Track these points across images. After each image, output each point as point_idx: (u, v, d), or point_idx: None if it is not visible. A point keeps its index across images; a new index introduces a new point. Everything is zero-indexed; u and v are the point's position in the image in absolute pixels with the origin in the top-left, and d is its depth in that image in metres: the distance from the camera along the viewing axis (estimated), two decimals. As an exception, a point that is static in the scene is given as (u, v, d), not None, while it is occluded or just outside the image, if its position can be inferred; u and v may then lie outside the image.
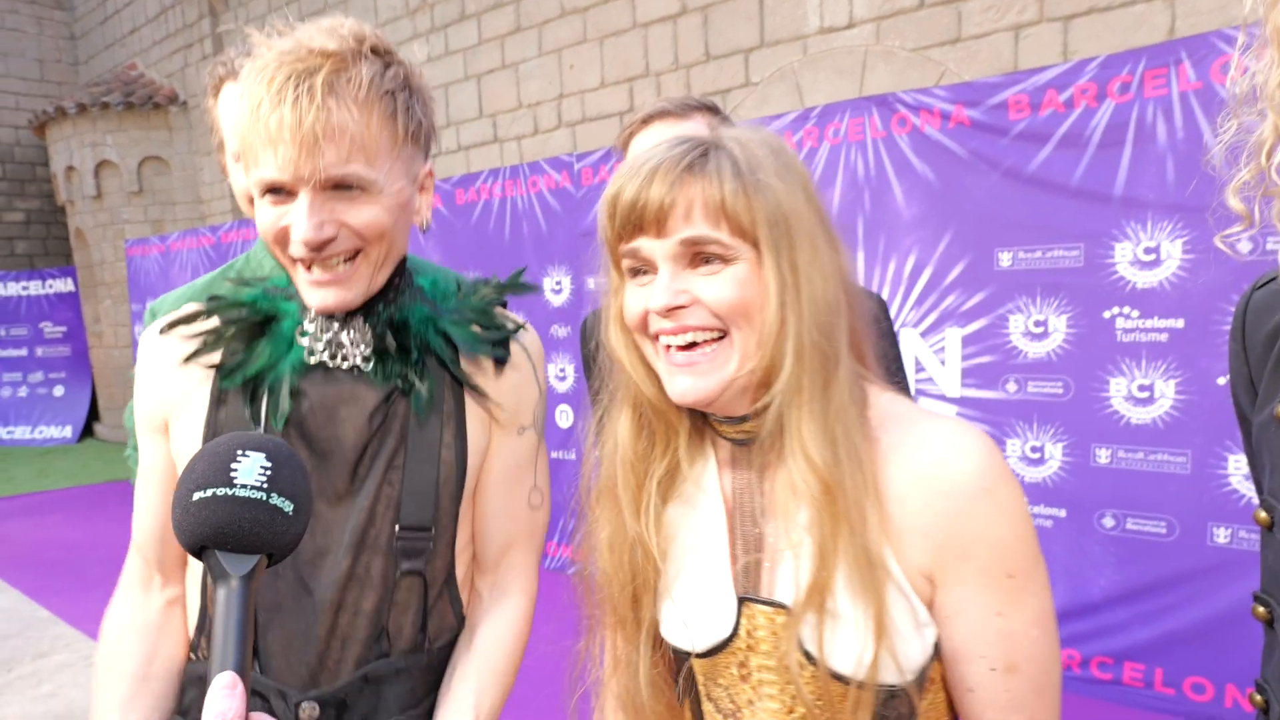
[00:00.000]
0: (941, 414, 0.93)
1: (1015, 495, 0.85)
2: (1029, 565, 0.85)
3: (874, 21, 4.97)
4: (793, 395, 0.86)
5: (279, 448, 0.73)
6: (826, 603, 0.85)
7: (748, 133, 0.91)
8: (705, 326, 0.87)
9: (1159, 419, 3.15)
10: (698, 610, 0.95)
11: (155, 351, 1.16)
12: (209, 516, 0.67)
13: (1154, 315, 3.12)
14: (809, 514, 0.86)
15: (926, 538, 0.84)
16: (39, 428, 11.71)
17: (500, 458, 1.18)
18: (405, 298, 1.13)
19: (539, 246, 5.07)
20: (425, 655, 1.14)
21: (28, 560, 6.27)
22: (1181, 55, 2.99)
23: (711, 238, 0.85)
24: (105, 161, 10.49)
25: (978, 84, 3.51)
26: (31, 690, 4.13)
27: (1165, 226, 3.06)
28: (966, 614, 0.85)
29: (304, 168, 0.95)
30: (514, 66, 6.83)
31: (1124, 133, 3.11)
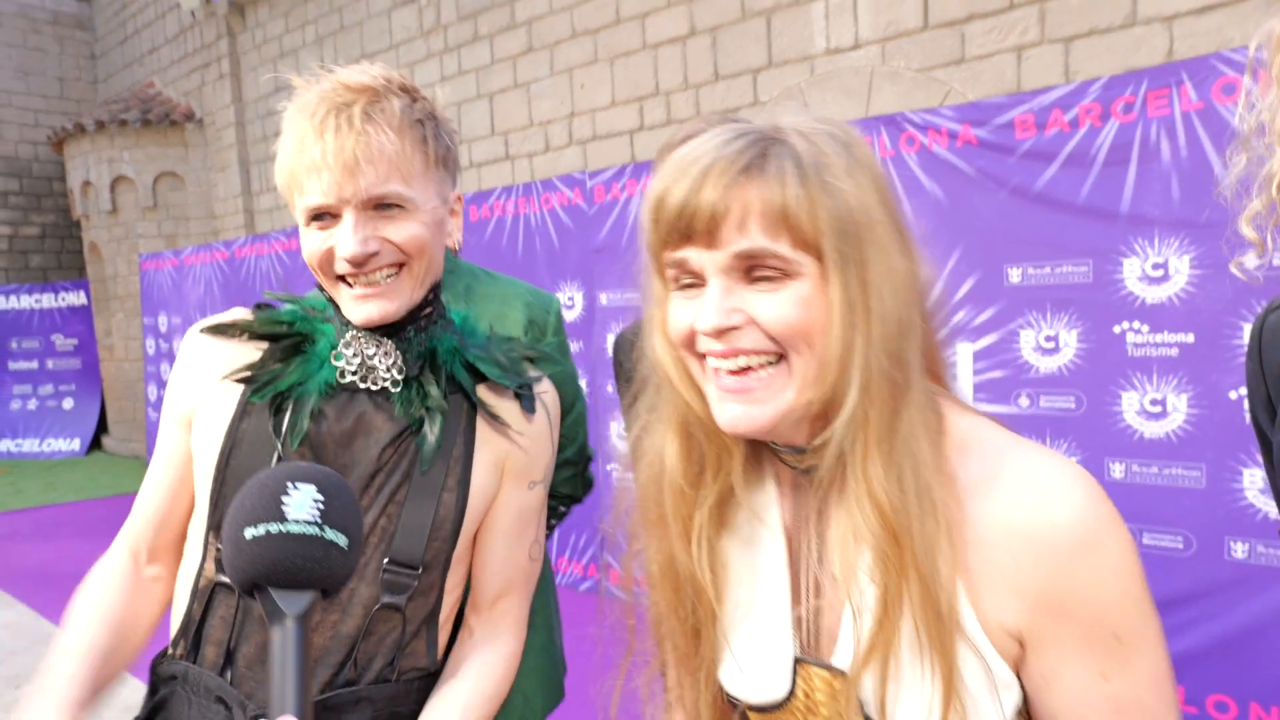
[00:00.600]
0: (1034, 444, 0.79)
1: (1124, 546, 0.73)
2: (1139, 624, 0.73)
3: (879, 43, 5.04)
4: (856, 430, 0.76)
5: (330, 479, 0.72)
6: (890, 662, 0.75)
7: (812, 123, 0.79)
8: (760, 350, 0.77)
9: (1172, 433, 3.16)
10: (754, 662, 0.87)
11: (196, 351, 1.21)
12: (262, 554, 0.67)
13: (1164, 330, 3.14)
14: (872, 560, 0.76)
15: (1017, 594, 0.74)
16: (47, 440, 11.73)
17: (509, 509, 1.21)
18: (437, 327, 1.18)
19: (551, 262, 5.13)
20: (390, 686, 1.14)
21: (35, 575, 6.23)
22: (1183, 76, 3.04)
23: (770, 250, 0.74)
24: (121, 177, 10.62)
25: (984, 104, 3.56)
26: None
27: (1172, 242, 3.09)
28: (1066, 679, 0.74)
29: (346, 189, 1.03)
30: (526, 86, 6.93)
31: (1129, 151, 3.15)
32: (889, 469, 0.75)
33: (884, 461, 0.75)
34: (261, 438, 1.12)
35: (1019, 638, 0.75)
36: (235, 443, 1.13)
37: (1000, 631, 0.75)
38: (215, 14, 10.02)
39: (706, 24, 5.79)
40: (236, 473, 1.11)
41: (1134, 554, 0.73)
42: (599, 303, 4.92)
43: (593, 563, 4.99)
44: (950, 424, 0.80)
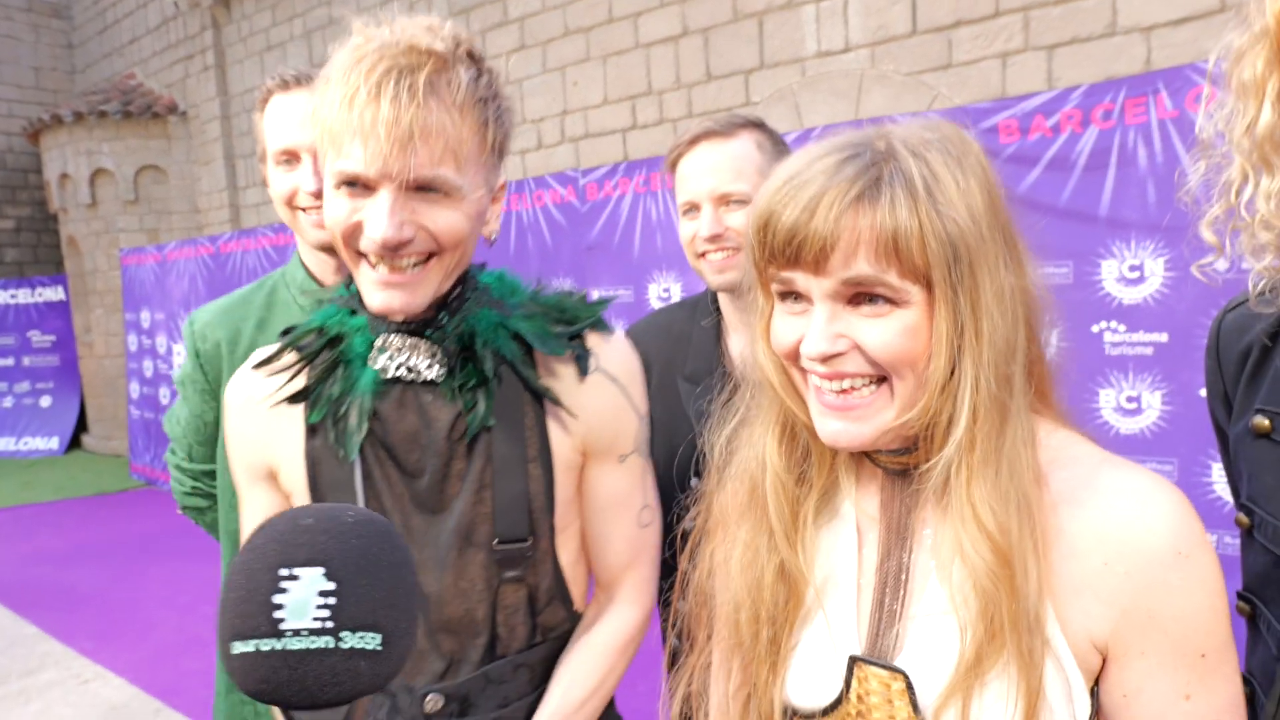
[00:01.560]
0: (1121, 459, 0.79)
1: (1212, 563, 0.73)
2: (1222, 644, 0.74)
3: (869, 46, 5.15)
4: (964, 453, 0.76)
5: (346, 544, 0.55)
6: (973, 687, 0.75)
7: (924, 133, 0.78)
8: (863, 373, 0.78)
9: (1147, 429, 3.26)
10: (811, 661, 0.87)
11: (243, 399, 1.15)
12: (261, 677, 0.53)
13: (1140, 329, 3.24)
14: (976, 582, 0.75)
15: (1106, 605, 0.74)
16: (24, 439, 11.56)
17: (603, 487, 1.16)
18: (470, 304, 1.10)
19: (544, 259, 5.18)
20: (540, 647, 1.15)
21: (13, 576, 6.17)
22: (1159, 86, 3.15)
23: (877, 279, 0.74)
24: (101, 170, 10.48)
25: (970, 109, 3.65)
26: (20, 709, 4.10)
27: (1148, 245, 3.19)
28: (1148, 694, 0.74)
29: (393, 164, 0.92)
30: (518, 83, 6.96)
31: (1107, 157, 3.26)
32: (995, 491, 0.75)
33: (990, 484, 0.75)
34: (334, 451, 1.09)
35: (1103, 649, 0.75)
36: (314, 464, 1.10)
37: (1084, 641, 0.75)
38: (200, 5, 9.93)
39: (699, 24, 5.86)
40: (331, 490, 1.09)
41: (1220, 574, 0.73)
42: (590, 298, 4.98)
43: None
44: (1042, 436, 0.80)
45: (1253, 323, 0.98)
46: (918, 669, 0.79)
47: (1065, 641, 0.75)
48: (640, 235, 4.77)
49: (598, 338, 1.15)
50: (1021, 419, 0.77)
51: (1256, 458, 0.94)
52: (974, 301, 0.74)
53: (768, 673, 0.88)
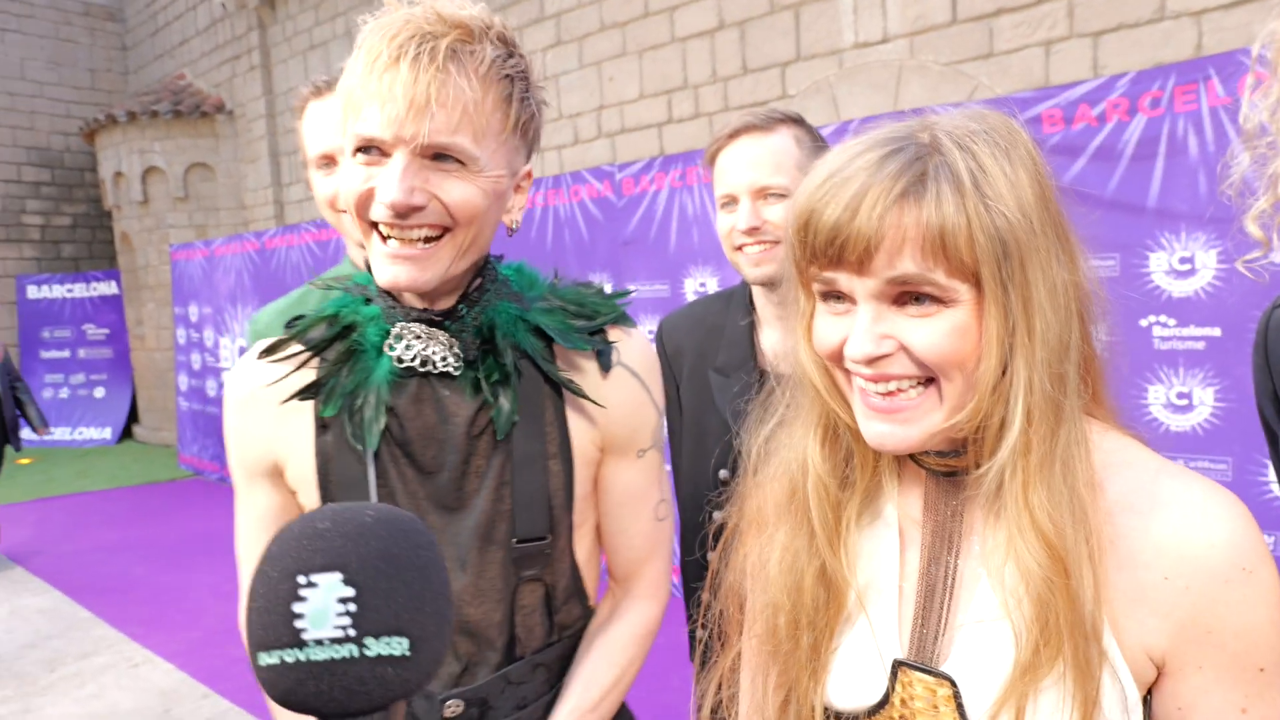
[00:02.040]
0: (1179, 466, 0.77)
1: (1273, 577, 0.71)
2: (1279, 657, 0.72)
3: (908, 37, 5.07)
4: (1019, 457, 0.74)
5: (364, 546, 0.53)
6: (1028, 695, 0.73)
7: (969, 124, 0.75)
8: (909, 375, 0.75)
9: (1198, 426, 3.18)
10: (854, 663, 0.85)
11: (247, 390, 1.10)
12: (289, 688, 0.52)
13: (1190, 324, 3.16)
14: (1030, 587, 0.73)
15: (1165, 617, 0.72)
16: (79, 429, 11.92)
17: (621, 482, 1.15)
18: (490, 296, 1.08)
19: (580, 254, 5.19)
20: (557, 646, 1.14)
21: (69, 561, 6.37)
22: (1210, 72, 3.06)
23: (924, 278, 0.71)
24: (153, 168, 10.77)
25: (1012, 98, 3.59)
26: (75, 691, 4.22)
27: (1199, 237, 3.11)
28: (1204, 708, 0.73)
29: (408, 128, 0.90)
30: (555, 79, 6.99)
31: (1156, 146, 3.18)
32: (1051, 494, 0.73)
33: (1046, 487, 0.73)
34: (346, 447, 1.05)
35: (1159, 662, 0.74)
36: (325, 460, 1.06)
37: (1139, 653, 0.73)
38: (246, 6, 10.13)
39: (735, 17, 5.82)
40: (342, 488, 1.06)
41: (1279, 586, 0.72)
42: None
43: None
44: (1095, 443, 0.78)
45: None
46: (966, 676, 0.77)
47: (1121, 653, 0.73)
48: (676, 230, 4.75)
49: (618, 331, 1.14)
50: (1076, 420, 0.75)
51: None
52: (1025, 299, 0.71)
53: (808, 677, 0.86)
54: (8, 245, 12.36)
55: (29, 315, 12.31)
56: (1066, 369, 0.74)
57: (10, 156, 12.33)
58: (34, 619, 5.23)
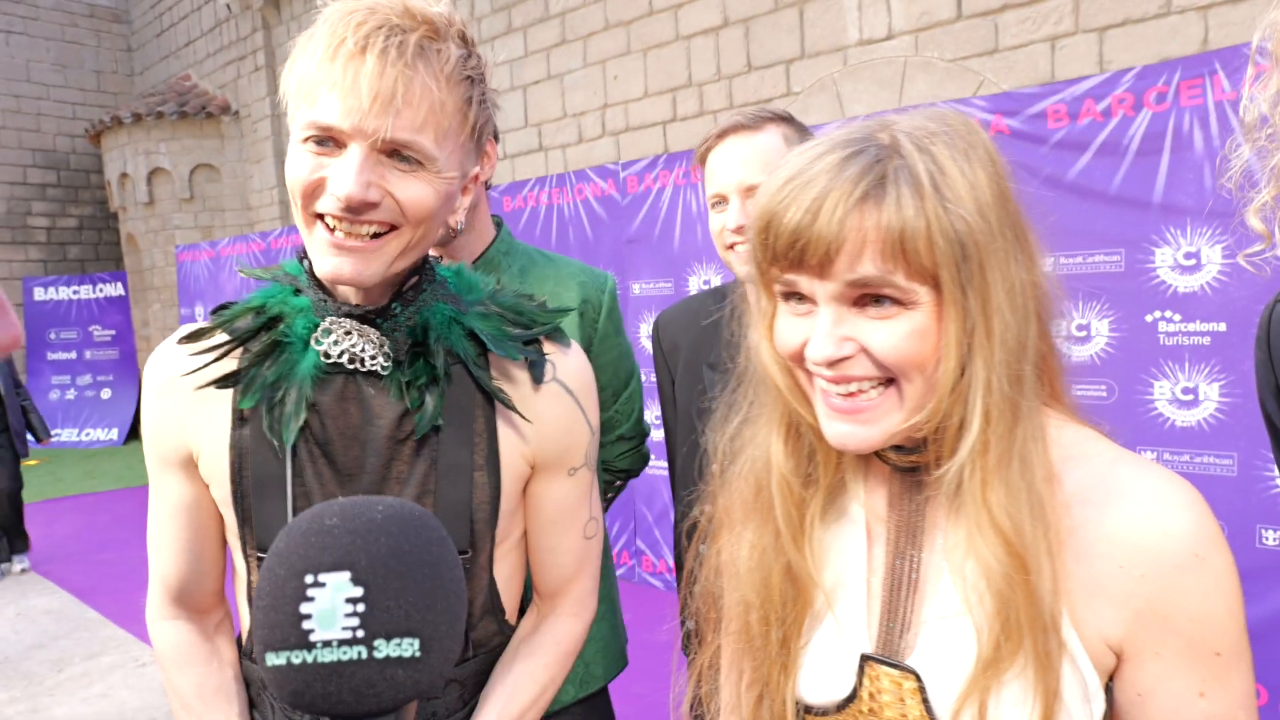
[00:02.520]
0: (1139, 456, 0.78)
1: (1229, 563, 0.72)
2: (1236, 641, 0.73)
3: (912, 33, 5.07)
4: (978, 456, 0.74)
5: (373, 545, 0.51)
6: (990, 689, 0.74)
7: (929, 125, 0.76)
8: (870, 376, 0.75)
9: (1204, 421, 3.17)
10: (822, 659, 0.86)
11: (165, 376, 1.06)
12: (297, 689, 0.51)
13: (1196, 319, 3.16)
14: (990, 583, 0.74)
15: (1121, 605, 0.73)
16: (86, 430, 11.93)
17: (551, 500, 1.13)
18: (426, 295, 1.04)
19: (585, 253, 5.18)
20: (471, 663, 1.11)
21: (76, 562, 6.37)
22: (1215, 66, 3.05)
23: (884, 280, 0.72)
24: (158, 169, 10.81)
25: (1016, 94, 3.58)
26: (82, 690, 4.22)
27: (1204, 232, 3.10)
28: (1163, 694, 0.74)
29: (370, 122, 0.87)
30: (559, 77, 7.00)
31: (1161, 141, 3.17)
32: (1009, 491, 0.74)
33: (1004, 484, 0.74)
34: (263, 441, 1.02)
35: (1117, 649, 0.74)
36: (241, 454, 1.02)
37: (1098, 642, 0.74)
38: (250, 7, 10.16)
39: (739, 15, 5.83)
40: (256, 485, 1.02)
41: (1235, 572, 0.73)
42: (632, 293, 4.99)
43: (624, 550, 5.08)
44: (1053, 433, 0.78)
45: None
46: (931, 670, 0.78)
47: (1080, 642, 0.74)
48: (680, 228, 4.75)
49: (554, 347, 1.11)
50: (1033, 417, 0.76)
51: None
52: (984, 300, 0.72)
53: (779, 672, 0.87)
54: (14, 248, 12.41)
55: (35, 317, 12.34)
56: (1024, 368, 0.74)
57: (16, 159, 12.38)
58: (41, 619, 5.23)
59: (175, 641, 1.11)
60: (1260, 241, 0.88)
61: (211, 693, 1.08)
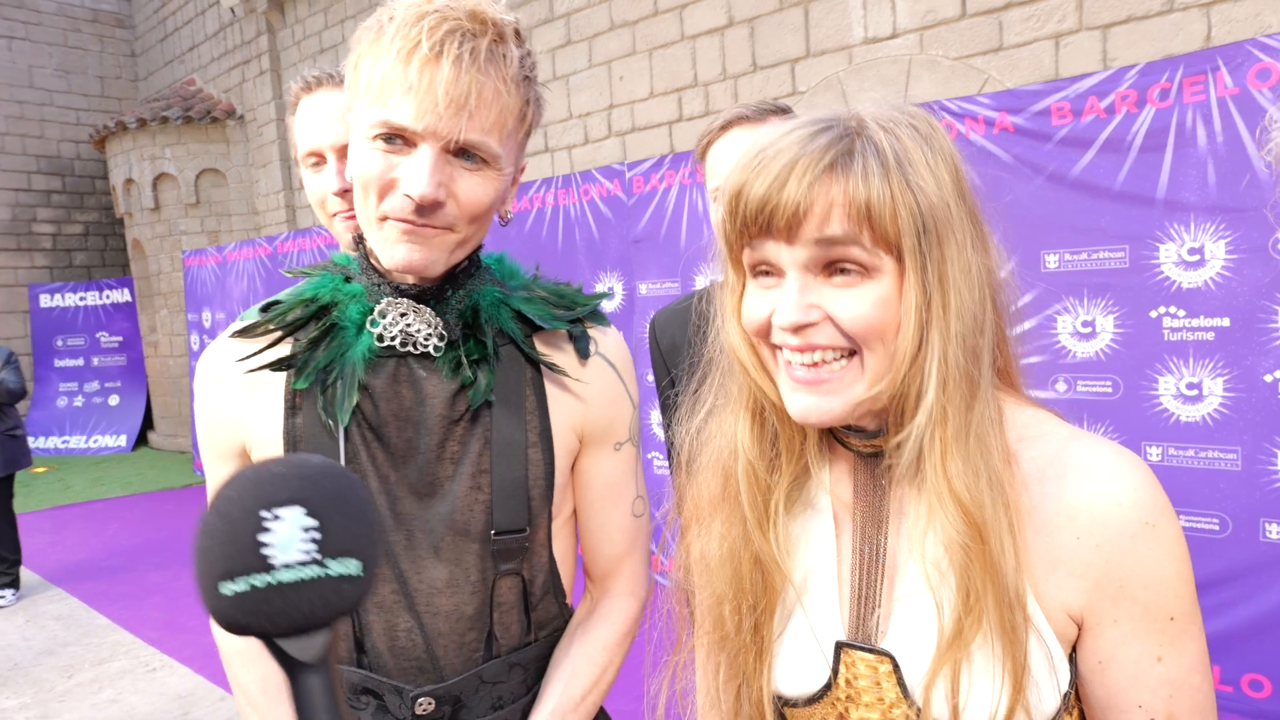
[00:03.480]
0: (1091, 433, 0.81)
1: (1177, 530, 0.75)
2: (1189, 606, 0.76)
3: (917, 31, 5.09)
4: (936, 426, 0.76)
5: (319, 484, 0.57)
6: (961, 661, 0.75)
7: (892, 113, 0.79)
8: (834, 346, 0.77)
9: (1208, 416, 3.18)
10: (798, 648, 0.87)
11: (217, 370, 1.09)
12: (252, 609, 0.55)
13: (1200, 314, 3.17)
14: (952, 556, 0.76)
15: (1080, 576, 0.75)
16: (94, 437, 11.93)
17: (600, 475, 1.15)
18: (474, 280, 1.09)
19: (591, 253, 5.21)
20: (534, 646, 1.13)
21: (86, 568, 6.38)
22: (1218, 63, 3.06)
23: (851, 239, 0.74)
24: (164, 174, 10.82)
25: (1020, 91, 3.59)
26: (92, 696, 4.22)
27: (1208, 227, 3.12)
28: (1122, 659, 0.76)
29: (445, 125, 0.91)
30: (565, 79, 7.02)
31: (1165, 137, 3.18)
32: (967, 464, 0.75)
33: (963, 457, 0.76)
34: (318, 427, 1.04)
35: (1078, 619, 0.76)
36: (294, 442, 1.04)
37: (1060, 613, 0.76)
38: (254, 10, 10.19)
39: (744, 15, 5.85)
40: None
41: (1184, 539, 0.76)
42: (638, 293, 5.01)
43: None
44: (1009, 414, 0.81)
45: None
46: (903, 650, 0.80)
47: (1043, 615, 0.76)
48: (686, 227, 4.77)
49: (594, 326, 1.16)
50: (990, 398, 0.78)
51: None
52: (941, 274, 0.75)
53: (754, 661, 0.88)
54: (19, 254, 12.44)
55: (42, 324, 12.36)
56: (980, 345, 0.77)
57: (21, 165, 12.40)
58: (51, 626, 5.24)
59: (238, 638, 1.12)
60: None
61: (275, 688, 1.10)
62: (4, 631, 5.18)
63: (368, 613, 1.05)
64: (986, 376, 0.78)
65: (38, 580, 6.16)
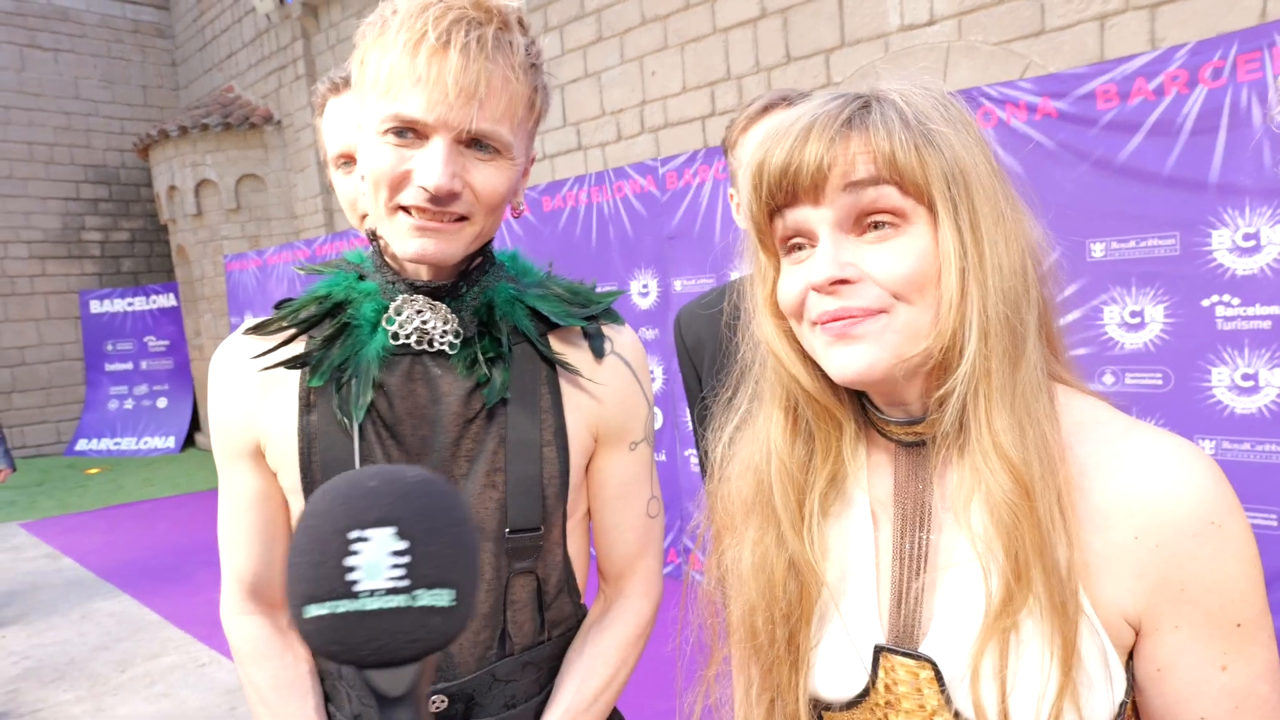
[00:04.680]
0: (1147, 424, 0.76)
1: (1246, 531, 0.71)
2: (1258, 612, 0.71)
3: (955, 17, 4.98)
4: (980, 380, 0.73)
5: (413, 504, 0.55)
6: (1009, 636, 0.71)
7: (910, 84, 0.78)
8: (873, 309, 0.74)
9: (1265, 408, 3.09)
10: (836, 654, 0.83)
11: (230, 367, 1.08)
12: (337, 638, 0.53)
13: (1256, 302, 3.08)
14: (998, 519, 0.72)
15: (1137, 576, 0.71)
16: (144, 439, 12.22)
17: (614, 475, 1.14)
18: (489, 277, 1.08)
19: (625, 251, 5.20)
20: (547, 645, 1.12)
21: (137, 566, 6.57)
22: (1275, 38, 2.95)
23: (880, 179, 0.72)
24: (205, 180, 11.02)
25: (1064, 75, 3.50)
26: (144, 690, 4.34)
27: (1264, 211, 3.02)
28: (1183, 667, 0.71)
29: (456, 115, 0.91)
30: (596, 75, 7.00)
31: (1218, 118, 3.08)
32: (1013, 420, 0.72)
33: (1008, 414, 0.72)
34: (333, 424, 1.03)
35: (1135, 623, 0.72)
36: (309, 440, 1.04)
37: (1116, 617, 0.72)
38: (290, 17, 10.32)
39: (777, 5, 5.77)
40: (325, 469, 1.03)
41: (1253, 540, 0.71)
42: (673, 289, 4.98)
43: (671, 547, 5.08)
44: (1064, 399, 0.77)
45: None
46: (945, 653, 0.76)
47: (1097, 616, 0.72)
48: (721, 222, 4.73)
49: (609, 325, 1.15)
50: (1037, 363, 0.74)
51: None
52: (974, 225, 0.73)
53: (789, 673, 0.85)
54: (70, 261, 12.76)
55: (92, 329, 12.68)
56: (1023, 304, 0.74)
57: (69, 175, 12.72)
58: (105, 622, 5.38)
59: (251, 636, 1.12)
60: None
61: (287, 686, 1.10)
62: (60, 627, 5.34)
63: None
64: (1033, 341, 0.74)
65: (92, 578, 6.33)
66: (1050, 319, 0.81)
